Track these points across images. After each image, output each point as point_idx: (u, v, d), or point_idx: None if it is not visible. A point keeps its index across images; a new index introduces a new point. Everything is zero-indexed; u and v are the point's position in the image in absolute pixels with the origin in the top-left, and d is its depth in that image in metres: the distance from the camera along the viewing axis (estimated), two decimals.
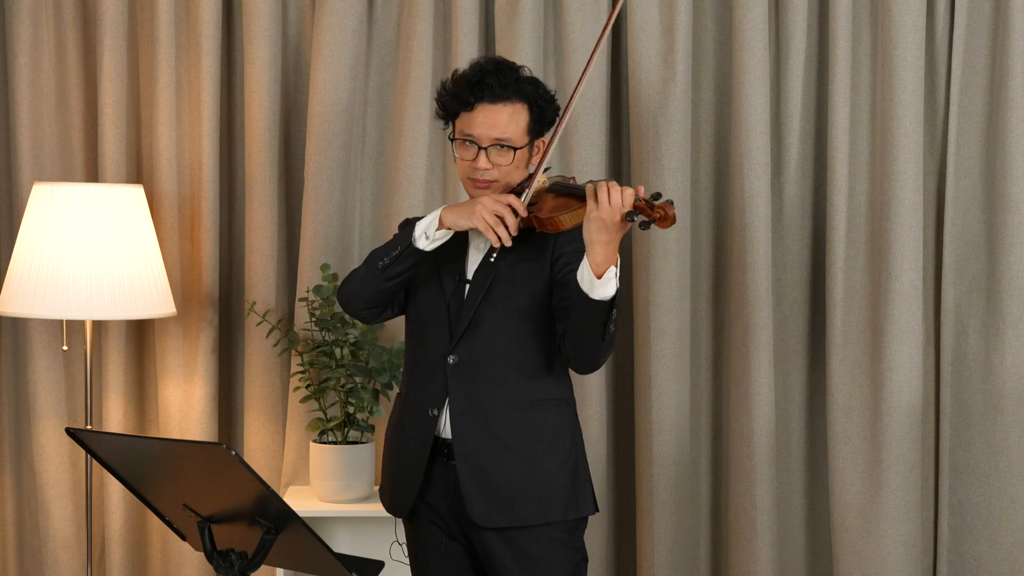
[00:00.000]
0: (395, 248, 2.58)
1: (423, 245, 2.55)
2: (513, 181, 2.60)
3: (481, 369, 2.55)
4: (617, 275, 2.37)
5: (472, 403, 2.55)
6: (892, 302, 3.44)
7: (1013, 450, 3.49)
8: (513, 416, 2.55)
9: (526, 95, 2.58)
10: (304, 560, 2.34)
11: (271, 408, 3.59)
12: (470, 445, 2.54)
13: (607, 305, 2.37)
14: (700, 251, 3.61)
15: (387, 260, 2.58)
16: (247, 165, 3.56)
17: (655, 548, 3.49)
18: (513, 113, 2.56)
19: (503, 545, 2.54)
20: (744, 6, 3.48)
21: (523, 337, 2.56)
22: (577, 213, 2.45)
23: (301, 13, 3.62)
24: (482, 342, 2.54)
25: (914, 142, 3.45)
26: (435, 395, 2.57)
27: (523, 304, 2.56)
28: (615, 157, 3.64)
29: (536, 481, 2.55)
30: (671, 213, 2.32)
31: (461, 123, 2.59)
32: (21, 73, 3.59)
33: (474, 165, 2.56)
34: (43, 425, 3.61)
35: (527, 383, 2.57)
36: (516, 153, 2.57)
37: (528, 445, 2.55)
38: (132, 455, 2.32)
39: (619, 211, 2.32)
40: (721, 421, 3.63)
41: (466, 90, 2.56)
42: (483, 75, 2.55)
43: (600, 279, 2.35)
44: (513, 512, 2.53)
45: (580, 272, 2.39)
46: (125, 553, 3.61)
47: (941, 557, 3.56)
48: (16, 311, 3.22)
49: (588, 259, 2.37)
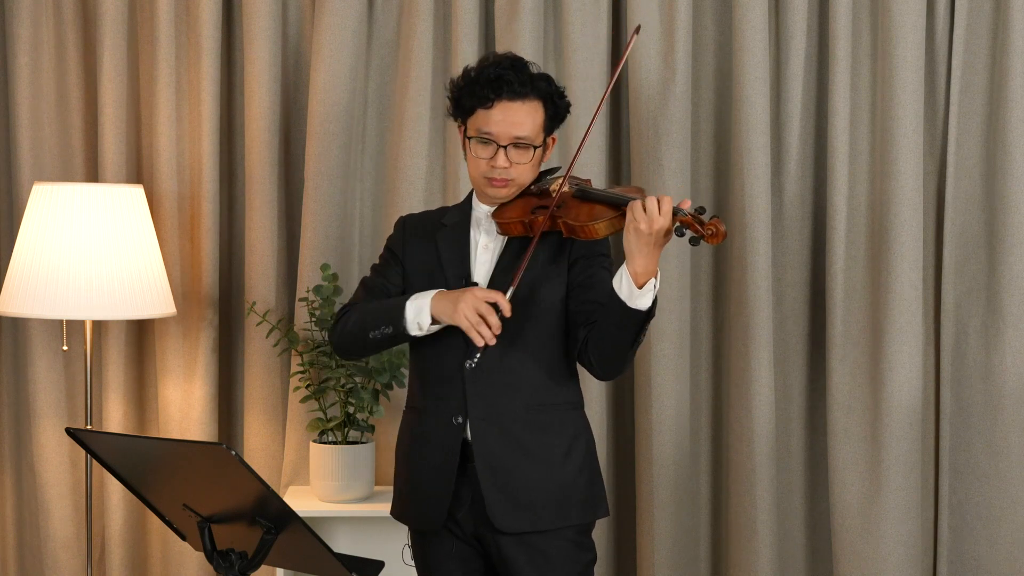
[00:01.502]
0: (387, 327, 2.52)
1: (416, 333, 2.51)
2: (526, 181, 2.56)
3: (499, 374, 2.52)
4: (657, 286, 2.37)
5: (491, 408, 2.52)
6: (892, 302, 3.44)
7: (1013, 450, 3.49)
8: (531, 420, 2.54)
9: (541, 92, 2.54)
10: (304, 560, 2.34)
11: (271, 408, 3.59)
12: (490, 449, 2.52)
13: (644, 315, 2.37)
14: (700, 251, 3.61)
15: (378, 335, 2.54)
16: (247, 165, 3.56)
17: (655, 548, 3.49)
18: (531, 111, 2.52)
19: (519, 548, 2.53)
20: (744, 6, 3.48)
21: (541, 342, 2.55)
22: (612, 223, 2.43)
23: (301, 13, 3.62)
24: (500, 347, 2.49)
25: (914, 142, 3.45)
26: (457, 403, 2.53)
27: (540, 308, 2.54)
28: (615, 157, 3.64)
29: (556, 485, 2.54)
30: (722, 229, 2.30)
31: (477, 121, 2.53)
32: (21, 73, 3.59)
33: (493, 163, 2.52)
34: (43, 425, 3.61)
35: (544, 387, 2.56)
36: (535, 152, 2.54)
37: (547, 449, 2.54)
38: (132, 455, 2.31)
39: (663, 224, 2.31)
40: (721, 421, 3.63)
41: (486, 87, 2.51)
42: (502, 71, 2.51)
43: (640, 289, 2.34)
44: (533, 517, 2.52)
45: (618, 280, 2.37)
46: (125, 553, 3.61)
47: (941, 557, 3.56)
48: (16, 311, 3.22)
49: (628, 268, 2.35)
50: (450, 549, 2.59)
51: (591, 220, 2.43)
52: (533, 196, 2.58)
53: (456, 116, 2.60)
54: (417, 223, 2.70)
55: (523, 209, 2.55)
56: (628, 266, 2.35)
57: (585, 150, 3.50)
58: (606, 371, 2.51)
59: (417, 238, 2.66)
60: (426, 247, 2.63)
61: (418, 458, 2.59)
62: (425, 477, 2.58)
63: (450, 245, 2.61)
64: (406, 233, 2.68)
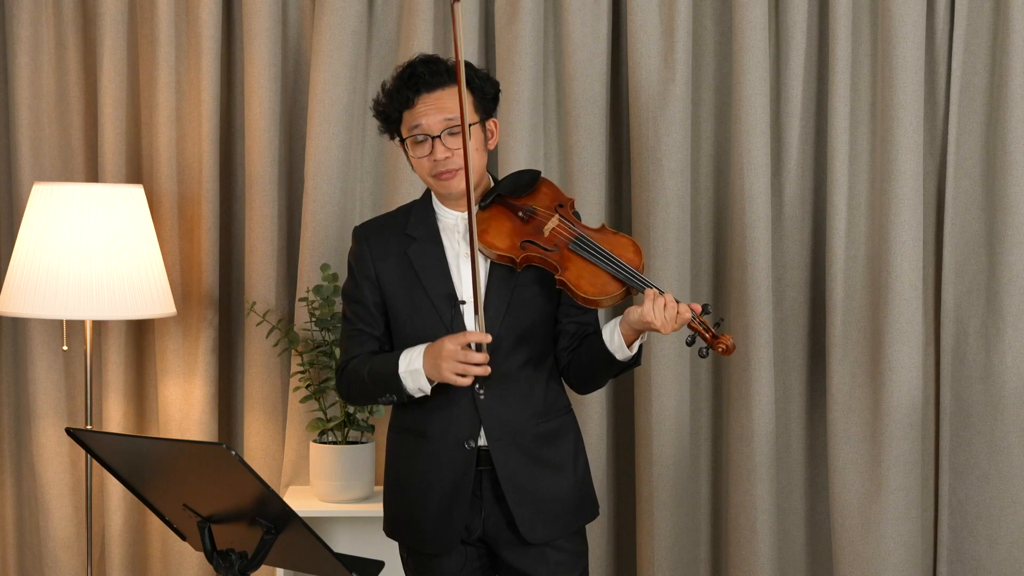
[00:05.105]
0: (391, 395, 2.51)
1: (420, 395, 2.51)
2: (478, 164, 2.52)
3: (506, 393, 2.52)
4: (645, 337, 2.46)
5: (505, 428, 2.52)
6: (892, 302, 3.44)
7: (1013, 450, 3.49)
8: (540, 431, 2.55)
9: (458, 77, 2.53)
10: (304, 560, 2.34)
11: (271, 408, 3.59)
12: (512, 470, 2.52)
13: (631, 361, 2.47)
14: (700, 251, 3.61)
15: (387, 400, 2.54)
16: (247, 165, 3.56)
17: (655, 548, 3.49)
18: (454, 95, 2.48)
19: (527, 550, 2.55)
20: (744, 6, 3.47)
21: (539, 355, 2.56)
22: (615, 297, 2.44)
23: (301, 13, 3.62)
24: (504, 367, 2.50)
25: (914, 142, 3.45)
26: (469, 427, 2.51)
27: (537, 322, 2.55)
28: (615, 157, 3.64)
29: (573, 490, 2.58)
30: (732, 344, 2.36)
31: (406, 124, 2.52)
32: (21, 73, 3.59)
33: (433, 158, 2.49)
34: (43, 425, 3.61)
35: (547, 396, 2.58)
36: (471, 131, 2.49)
37: (559, 457, 2.57)
38: (132, 455, 2.31)
39: (671, 329, 2.36)
40: (721, 421, 3.63)
41: (403, 89, 2.51)
42: (413, 69, 2.52)
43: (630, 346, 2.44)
44: (560, 524, 2.56)
45: (609, 335, 2.44)
46: (125, 553, 3.61)
47: (941, 557, 3.56)
48: (16, 311, 3.22)
49: (621, 330, 2.43)
50: (462, 559, 2.57)
51: (596, 295, 2.43)
52: (519, 220, 2.53)
53: (388, 131, 2.58)
54: (379, 234, 2.62)
55: (511, 240, 2.50)
56: (622, 328, 2.42)
57: (585, 150, 3.50)
58: (584, 392, 2.63)
59: (385, 252, 2.59)
60: (398, 262, 2.57)
61: (426, 485, 2.54)
62: (435, 503, 2.54)
63: (426, 262, 2.55)
64: (371, 247, 2.60)
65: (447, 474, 2.52)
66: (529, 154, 3.50)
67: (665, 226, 3.48)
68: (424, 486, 2.54)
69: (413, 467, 2.56)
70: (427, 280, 2.53)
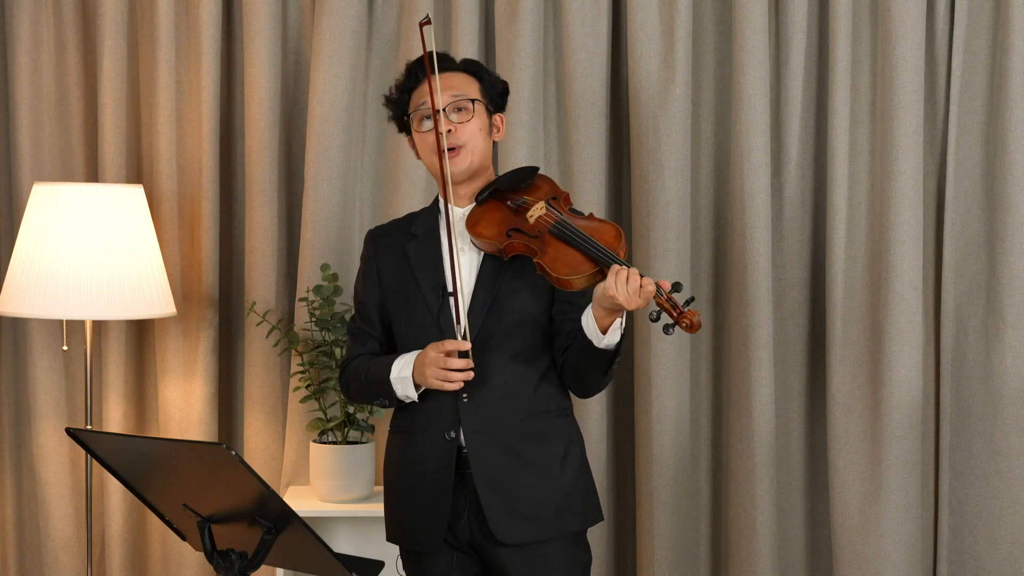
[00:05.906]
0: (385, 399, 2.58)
1: (410, 401, 2.56)
2: (479, 148, 2.57)
3: (492, 388, 2.52)
4: (622, 325, 2.40)
5: (484, 421, 2.52)
6: (892, 302, 3.44)
7: (1013, 450, 3.49)
8: (527, 430, 2.54)
9: (466, 66, 2.63)
10: (304, 560, 2.34)
11: (271, 408, 3.59)
12: (487, 463, 2.51)
13: (611, 352, 2.40)
14: (700, 251, 3.61)
15: (382, 403, 2.60)
16: (247, 165, 3.56)
17: (655, 548, 3.49)
18: (461, 77, 2.60)
19: (519, 556, 2.53)
20: (744, 6, 3.48)
21: (529, 351, 2.55)
22: (590, 278, 2.41)
23: (301, 13, 3.62)
24: (488, 360, 2.51)
25: (914, 142, 3.45)
26: (450, 419, 2.53)
27: (525, 316, 2.54)
28: (615, 157, 3.64)
29: (557, 494, 2.54)
30: (697, 321, 2.30)
31: (413, 103, 2.60)
32: (21, 73, 3.59)
33: (438, 132, 2.52)
34: (43, 425, 3.61)
35: (536, 395, 2.56)
36: (475, 107, 2.55)
37: (545, 459, 2.55)
38: (132, 455, 2.31)
39: (639, 306, 2.31)
40: (721, 421, 3.63)
41: (413, 73, 2.60)
42: (422, 59, 2.57)
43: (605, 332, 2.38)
44: (536, 527, 2.52)
45: (586, 319, 2.40)
46: (125, 553, 3.61)
47: (941, 557, 3.56)
48: (16, 311, 3.22)
49: (594, 313, 2.38)
50: (450, 562, 2.57)
51: (569, 274, 2.41)
52: (509, 211, 2.55)
53: (396, 116, 2.65)
54: (386, 235, 2.70)
55: (499, 228, 2.52)
56: (593, 309, 2.39)
57: (585, 150, 3.50)
58: (580, 393, 2.59)
59: (388, 251, 2.65)
60: (398, 259, 2.63)
61: (412, 479, 2.57)
62: (421, 497, 2.56)
63: (421, 255, 2.60)
64: (377, 247, 2.68)
65: (431, 466, 2.55)
66: (529, 154, 3.50)
67: (665, 226, 3.48)
68: (411, 479, 2.58)
69: (404, 461, 2.61)
70: (419, 272, 2.58)
